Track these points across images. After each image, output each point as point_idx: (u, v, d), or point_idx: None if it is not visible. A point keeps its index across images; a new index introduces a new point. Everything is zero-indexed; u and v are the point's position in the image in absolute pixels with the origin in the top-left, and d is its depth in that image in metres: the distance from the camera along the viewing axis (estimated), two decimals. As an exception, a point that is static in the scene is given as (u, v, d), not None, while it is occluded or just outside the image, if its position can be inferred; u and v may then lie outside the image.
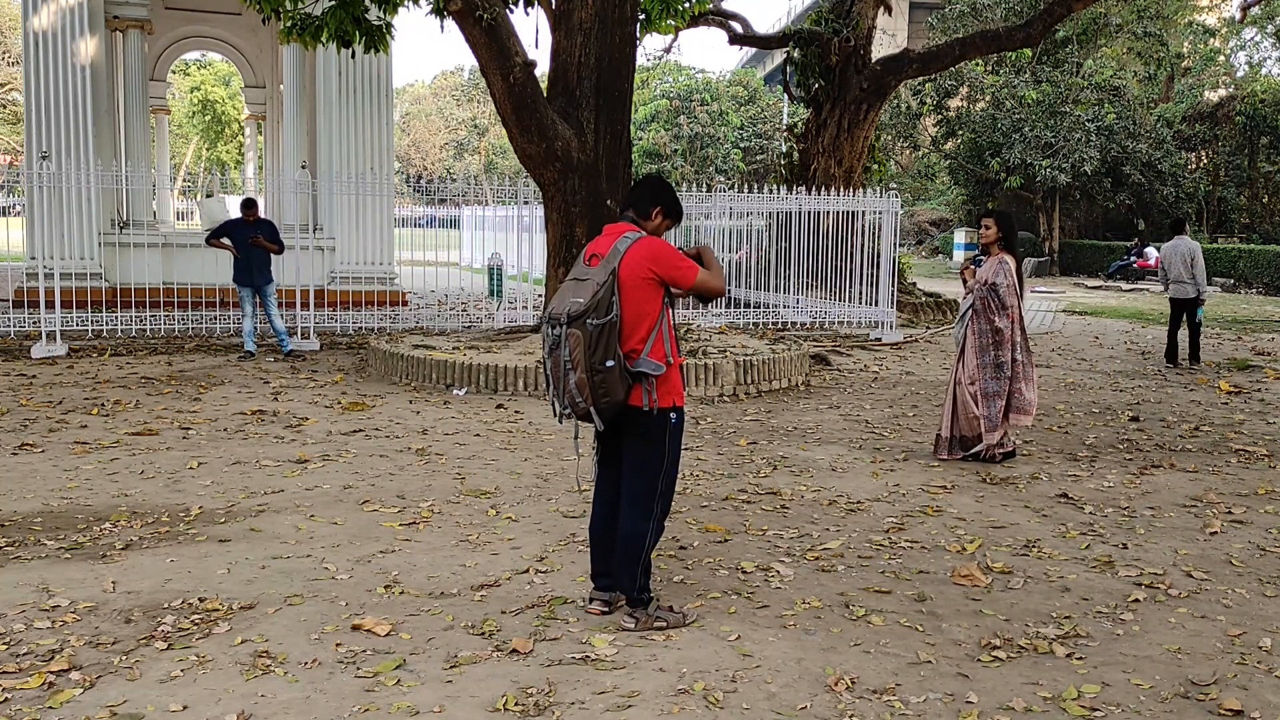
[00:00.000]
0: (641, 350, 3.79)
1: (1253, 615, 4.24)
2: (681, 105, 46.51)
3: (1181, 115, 32.63)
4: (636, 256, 3.79)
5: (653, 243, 3.86)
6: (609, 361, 3.68)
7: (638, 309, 3.78)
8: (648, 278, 3.79)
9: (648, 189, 4.06)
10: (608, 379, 3.69)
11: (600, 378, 3.69)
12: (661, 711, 3.30)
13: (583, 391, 3.71)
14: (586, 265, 3.85)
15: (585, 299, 3.68)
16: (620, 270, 3.76)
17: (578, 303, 3.69)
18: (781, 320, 14.93)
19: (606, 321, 3.68)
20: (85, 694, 3.35)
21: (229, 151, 54.31)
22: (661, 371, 3.81)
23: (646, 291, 3.79)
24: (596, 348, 3.67)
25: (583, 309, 3.67)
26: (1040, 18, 17.17)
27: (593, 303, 3.67)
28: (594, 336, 3.66)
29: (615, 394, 3.72)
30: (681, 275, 3.85)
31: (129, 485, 5.95)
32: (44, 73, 14.08)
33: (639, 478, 3.91)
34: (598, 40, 10.14)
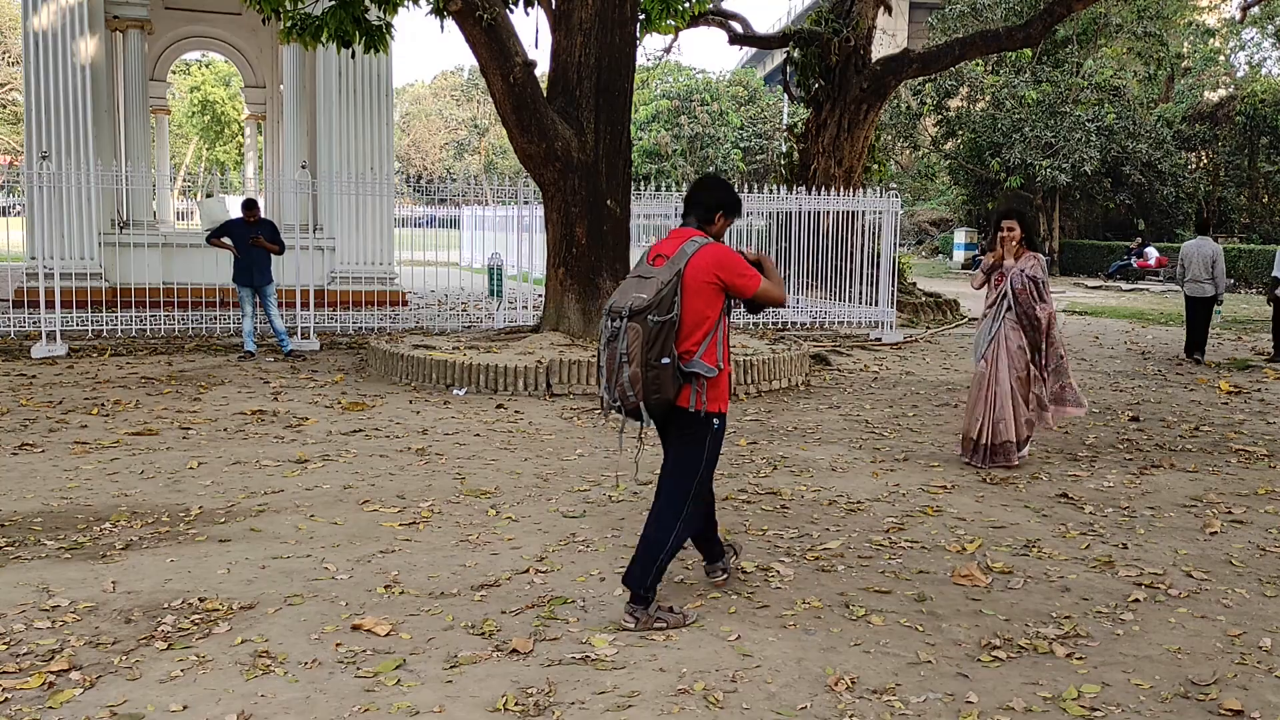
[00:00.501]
0: (696, 352, 3.86)
1: (1253, 615, 4.24)
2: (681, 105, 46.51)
3: (1181, 115, 32.64)
4: (703, 261, 3.87)
5: (719, 249, 3.94)
6: (664, 359, 3.76)
7: (698, 312, 3.86)
8: (711, 282, 3.87)
9: (707, 195, 4.10)
10: (661, 376, 3.76)
11: (654, 374, 3.75)
12: (661, 711, 3.30)
13: (635, 386, 3.76)
14: (650, 265, 3.93)
15: (649, 295, 3.76)
16: (685, 272, 3.84)
17: (641, 298, 3.76)
18: (781, 320, 14.92)
19: (667, 320, 3.76)
20: (85, 694, 3.35)
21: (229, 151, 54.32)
22: (714, 375, 3.90)
23: (708, 296, 3.87)
24: (654, 344, 3.74)
25: (645, 304, 3.75)
26: (1040, 18, 17.17)
27: (655, 299, 3.75)
28: (653, 332, 3.74)
29: (666, 392, 3.79)
30: (745, 284, 3.93)
31: (129, 485, 5.95)
32: (44, 73, 14.07)
33: (676, 477, 4.01)
34: (598, 40, 10.14)
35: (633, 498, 5.89)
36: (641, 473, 6.47)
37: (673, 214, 16.83)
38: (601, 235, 10.39)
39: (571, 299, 10.46)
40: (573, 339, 10.26)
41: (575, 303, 10.45)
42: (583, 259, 10.40)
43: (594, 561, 4.75)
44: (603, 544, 5.01)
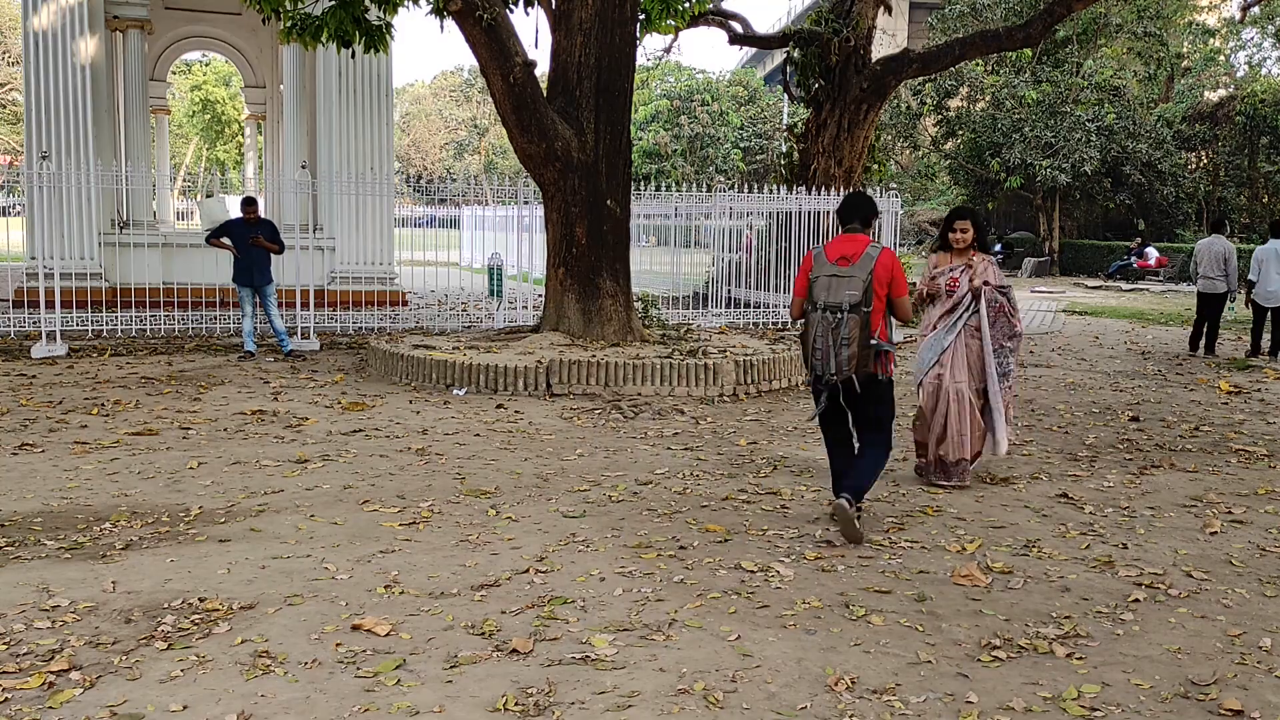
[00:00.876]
0: (882, 332, 5.09)
1: (1253, 615, 4.24)
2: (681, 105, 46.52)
3: (1181, 115, 32.64)
4: (885, 264, 5.03)
5: (894, 257, 5.14)
6: (872, 340, 4.96)
7: (880, 303, 5.04)
8: (888, 281, 5.04)
9: (865, 206, 5.24)
10: (868, 353, 4.95)
11: (866, 352, 4.93)
12: (661, 711, 3.30)
13: (851, 363, 4.91)
14: (837, 265, 5.01)
15: (858, 292, 4.91)
16: (875, 271, 4.97)
17: (854, 295, 4.91)
18: (781, 320, 14.93)
19: (869, 310, 4.94)
20: (85, 694, 3.35)
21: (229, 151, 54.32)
22: (892, 350, 5.15)
23: (883, 291, 5.04)
24: (865, 329, 4.91)
25: (858, 299, 4.90)
26: (1040, 18, 17.16)
27: (863, 295, 4.91)
28: (864, 321, 4.91)
29: (868, 365, 4.97)
30: (901, 290, 5.12)
31: (129, 485, 5.95)
32: (44, 73, 14.08)
33: (880, 425, 5.24)
34: (598, 40, 10.15)
35: (632, 498, 5.89)
36: (640, 472, 6.48)
37: (673, 214, 16.87)
38: (601, 235, 10.39)
39: (571, 299, 10.46)
40: (573, 339, 10.26)
41: (575, 303, 10.45)
42: (583, 259, 10.40)
43: (594, 561, 4.75)
44: (603, 544, 5.01)
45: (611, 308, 10.45)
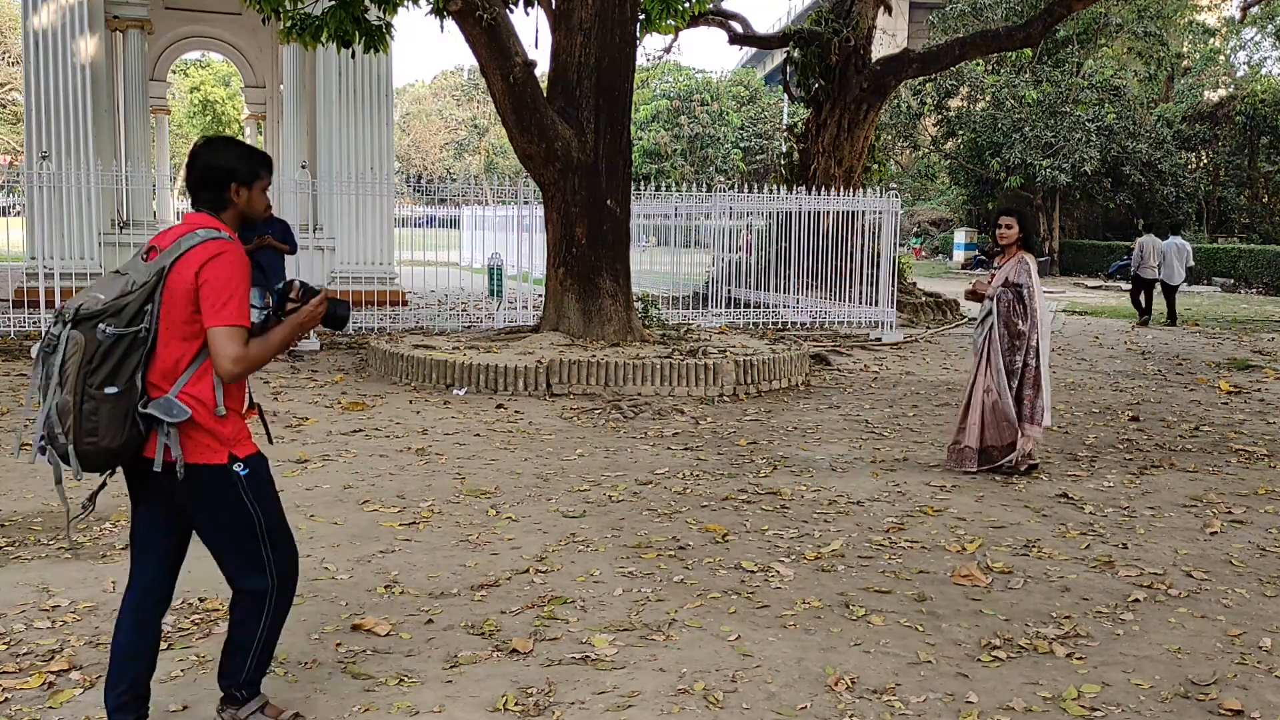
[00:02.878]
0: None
1: (1253, 615, 4.23)
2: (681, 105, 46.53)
3: (1181, 115, 32.64)
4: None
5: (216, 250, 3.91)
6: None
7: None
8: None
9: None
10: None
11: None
12: (661, 711, 3.30)
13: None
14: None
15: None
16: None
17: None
18: (781, 320, 14.92)
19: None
20: (85, 694, 3.35)
21: (229, 151, 54.28)
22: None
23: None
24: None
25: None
26: (1040, 18, 17.17)
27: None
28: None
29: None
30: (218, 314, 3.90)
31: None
32: (44, 73, 14.07)
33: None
34: (598, 40, 10.15)
35: (632, 498, 5.89)
36: (640, 472, 6.48)
37: (673, 214, 16.87)
38: (601, 235, 10.39)
39: (571, 299, 10.46)
40: (573, 339, 10.26)
41: (575, 303, 10.44)
42: (583, 259, 10.40)
43: (594, 561, 4.75)
44: (603, 544, 5.01)
45: (611, 308, 10.45)
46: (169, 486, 2.90)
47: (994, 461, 6.58)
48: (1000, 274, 6.61)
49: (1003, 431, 6.54)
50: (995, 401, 6.50)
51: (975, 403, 6.57)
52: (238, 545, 3.00)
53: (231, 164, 2.96)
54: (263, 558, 3.01)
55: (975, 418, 6.57)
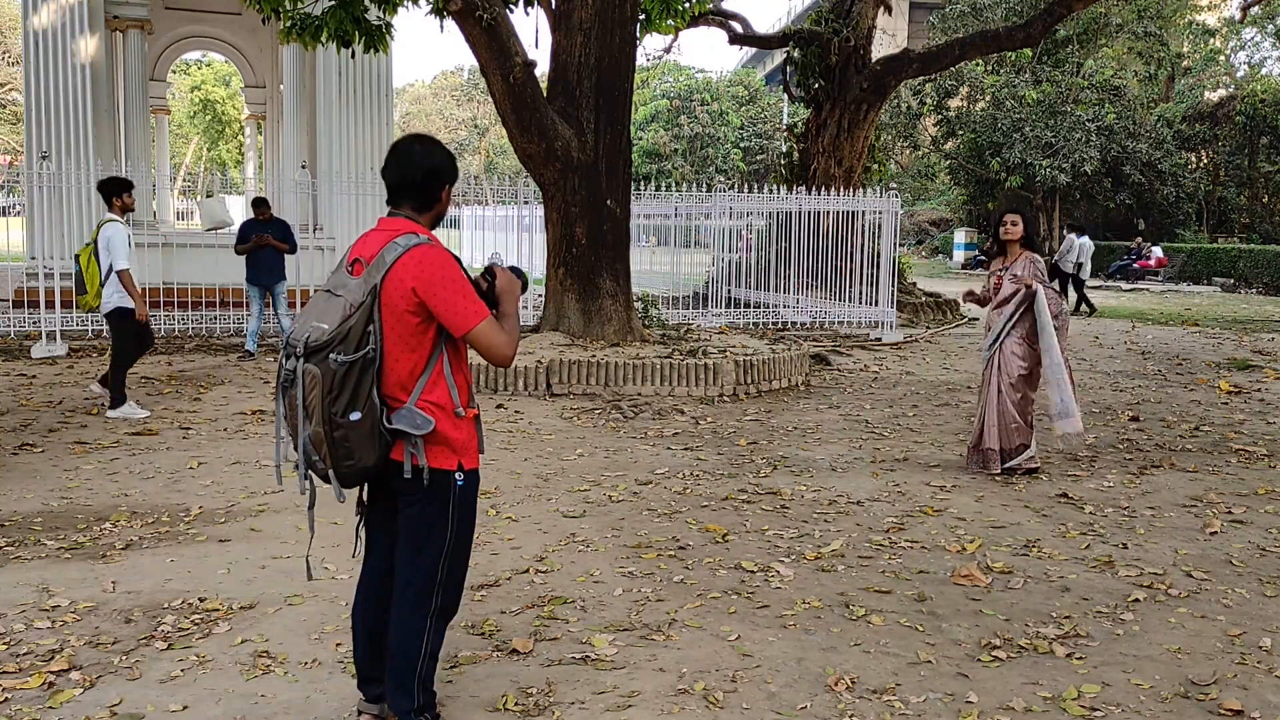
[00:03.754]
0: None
1: (1253, 615, 4.23)
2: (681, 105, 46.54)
3: (1181, 115, 32.66)
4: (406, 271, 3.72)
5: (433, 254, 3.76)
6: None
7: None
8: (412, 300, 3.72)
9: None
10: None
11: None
12: (661, 711, 3.30)
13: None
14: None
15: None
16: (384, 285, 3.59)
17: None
18: (781, 320, 14.92)
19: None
20: (85, 694, 3.35)
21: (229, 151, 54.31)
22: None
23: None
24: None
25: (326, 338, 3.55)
26: (1040, 18, 17.17)
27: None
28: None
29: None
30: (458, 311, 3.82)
31: (129, 485, 5.95)
32: (44, 72, 14.07)
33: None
34: (598, 40, 10.14)
35: (632, 498, 5.89)
36: (640, 472, 6.48)
37: (673, 214, 16.87)
38: (601, 235, 10.39)
39: (571, 299, 10.46)
40: (573, 339, 10.25)
41: (575, 303, 10.44)
42: (583, 259, 10.40)
43: (594, 561, 4.75)
44: (603, 544, 5.01)
45: (611, 308, 10.45)
46: (396, 484, 2.95)
47: (1007, 462, 6.54)
48: (1011, 272, 6.50)
49: (1012, 434, 6.52)
50: (1011, 401, 6.47)
51: (991, 403, 6.52)
52: (420, 552, 2.97)
53: (444, 164, 2.96)
54: (437, 576, 2.98)
55: (993, 419, 6.53)
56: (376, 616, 3.06)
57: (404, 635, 2.96)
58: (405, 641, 2.96)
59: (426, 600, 2.97)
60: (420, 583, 2.96)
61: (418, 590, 2.96)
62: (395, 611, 2.99)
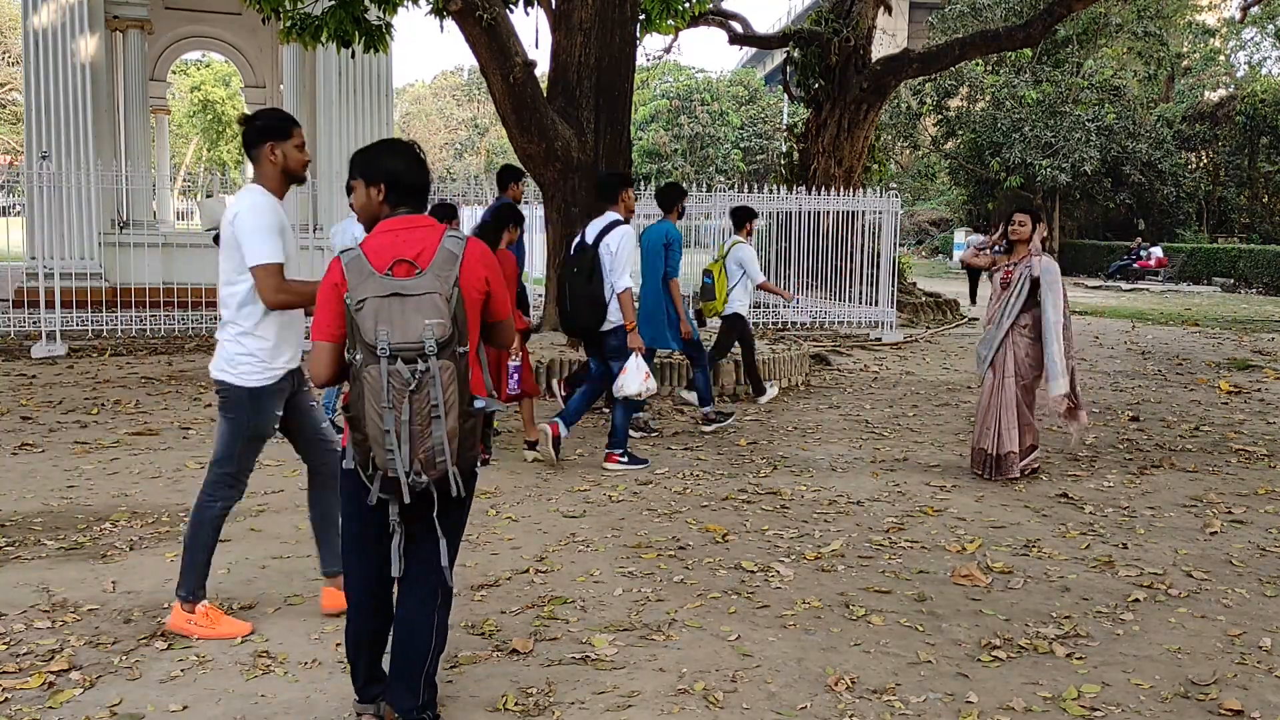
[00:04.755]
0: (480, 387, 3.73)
1: (1253, 615, 4.23)
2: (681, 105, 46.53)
3: (1181, 115, 32.65)
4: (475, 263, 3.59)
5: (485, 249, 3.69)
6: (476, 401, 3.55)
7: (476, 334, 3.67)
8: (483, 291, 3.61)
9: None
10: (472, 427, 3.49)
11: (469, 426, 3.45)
12: (661, 711, 3.30)
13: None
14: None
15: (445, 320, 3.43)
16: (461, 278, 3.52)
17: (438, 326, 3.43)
18: (781, 320, 14.92)
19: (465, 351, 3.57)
20: (85, 694, 3.35)
21: (229, 151, 54.29)
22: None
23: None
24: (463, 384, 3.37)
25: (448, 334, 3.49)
26: (1040, 18, 17.17)
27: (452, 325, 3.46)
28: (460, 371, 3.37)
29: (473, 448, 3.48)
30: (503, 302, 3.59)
31: (129, 485, 5.95)
32: (44, 72, 14.06)
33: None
34: (598, 40, 10.14)
35: (632, 498, 5.89)
36: (641, 472, 6.48)
37: (673, 214, 16.82)
38: (601, 235, 10.38)
39: (571, 299, 10.45)
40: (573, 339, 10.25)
41: (575, 303, 10.43)
42: (583, 259, 10.38)
43: (594, 561, 4.75)
44: (603, 544, 5.01)
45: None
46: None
47: (1018, 464, 6.46)
48: (1019, 270, 6.40)
49: (1025, 434, 6.45)
50: (1026, 403, 6.41)
51: (1009, 406, 6.40)
52: (450, 548, 3.05)
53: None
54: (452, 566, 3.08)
55: (1012, 421, 6.41)
56: (379, 617, 3.09)
57: (423, 632, 3.02)
58: (422, 639, 3.01)
59: (448, 596, 3.08)
60: (442, 581, 3.03)
61: (435, 588, 3.03)
62: (409, 610, 3.03)
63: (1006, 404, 6.40)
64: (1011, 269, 6.46)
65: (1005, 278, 6.48)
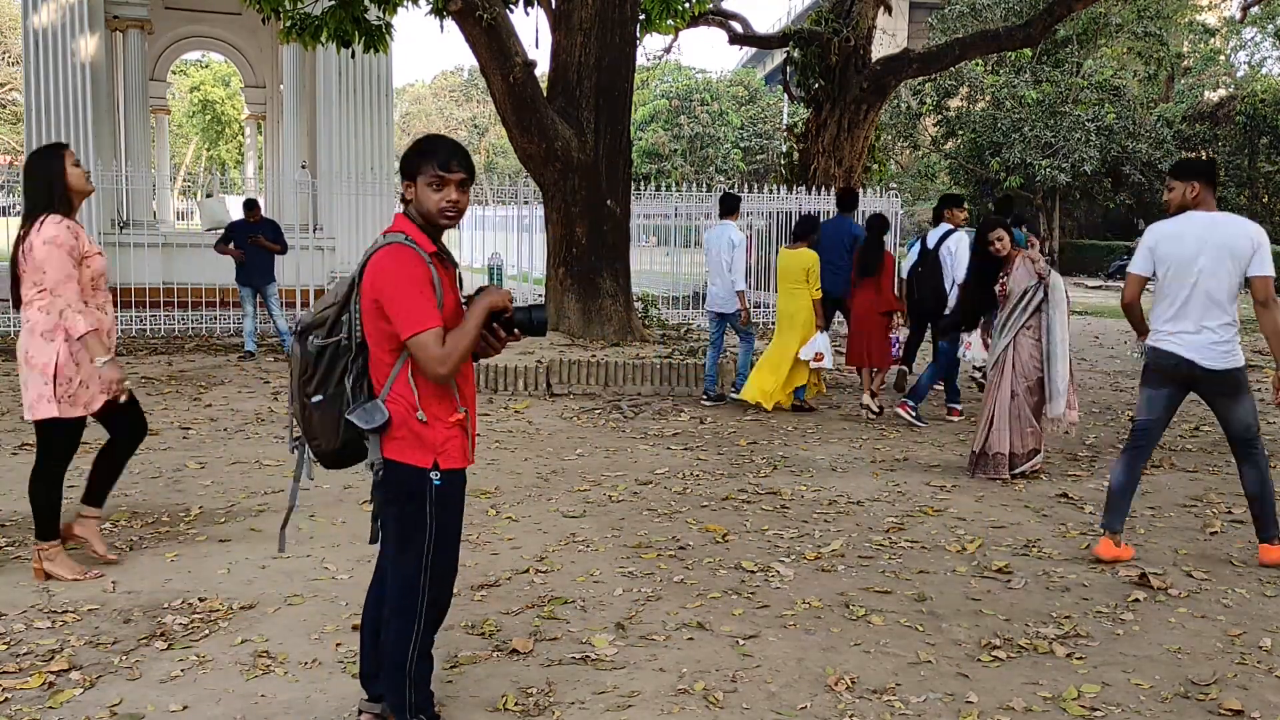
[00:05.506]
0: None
1: (1253, 615, 4.23)
2: (681, 105, 46.51)
3: (1181, 115, 32.65)
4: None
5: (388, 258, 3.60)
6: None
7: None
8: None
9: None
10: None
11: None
12: (661, 711, 3.30)
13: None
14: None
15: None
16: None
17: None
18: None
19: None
20: (85, 694, 3.35)
21: (229, 151, 54.30)
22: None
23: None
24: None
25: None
26: (1040, 18, 17.15)
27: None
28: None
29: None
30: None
31: (129, 485, 5.95)
32: (44, 72, 14.07)
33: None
34: (598, 40, 10.15)
35: (632, 498, 5.89)
36: (640, 472, 6.48)
37: (673, 214, 16.87)
38: (601, 235, 10.40)
39: (571, 299, 10.47)
40: (573, 339, 10.26)
41: (575, 303, 10.45)
42: (583, 259, 10.40)
43: (594, 561, 4.75)
44: (603, 544, 5.01)
45: (611, 307, 10.46)
46: (374, 480, 2.95)
47: (1018, 467, 6.47)
48: (1021, 272, 6.44)
49: (1027, 438, 6.45)
50: (1028, 404, 6.41)
51: (1003, 405, 6.44)
52: (402, 551, 2.94)
53: (403, 161, 2.99)
54: (422, 575, 2.96)
55: (1004, 421, 6.43)
56: (378, 614, 3.07)
57: (393, 635, 2.96)
58: (394, 641, 2.96)
59: (413, 599, 2.95)
60: (405, 582, 2.95)
61: (403, 590, 2.95)
62: (386, 611, 3.00)
63: (1002, 405, 6.43)
64: (1005, 279, 6.51)
65: (1003, 290, 6.54)
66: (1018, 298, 6.45)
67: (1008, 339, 6.45)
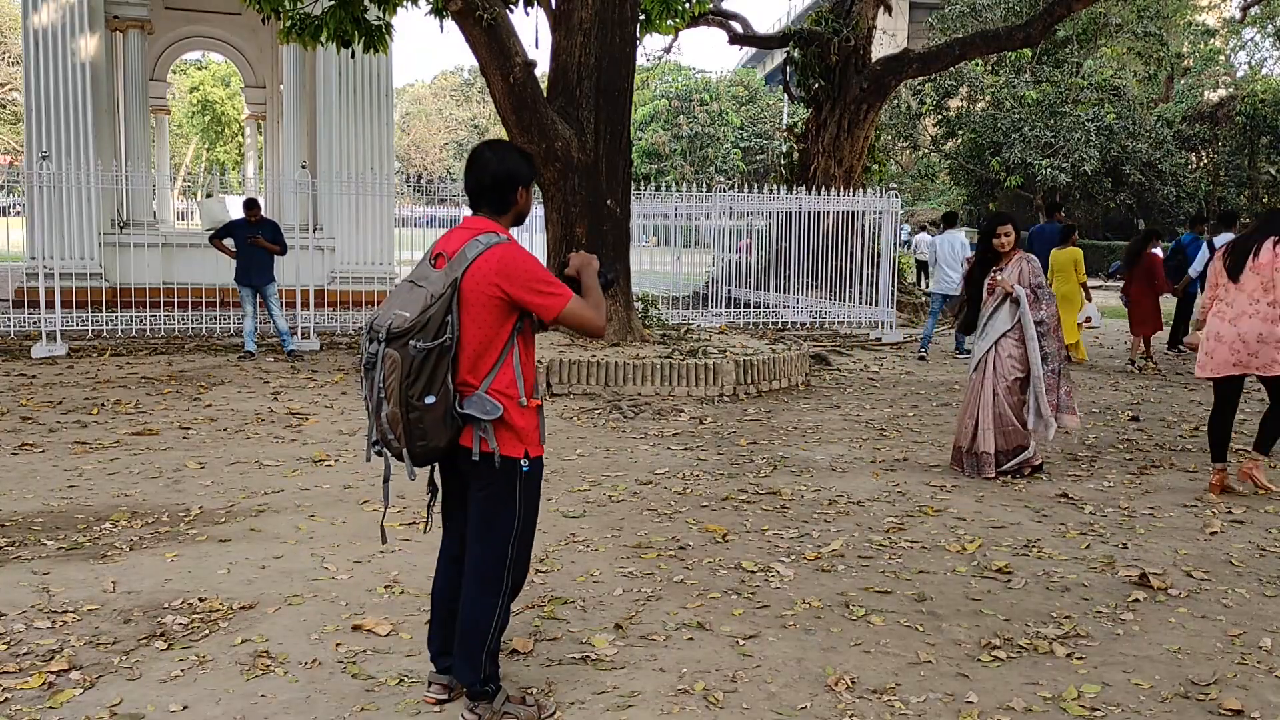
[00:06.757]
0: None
1: (1253, 615, 4.23)
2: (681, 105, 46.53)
3: (1181, 115, 32.65)
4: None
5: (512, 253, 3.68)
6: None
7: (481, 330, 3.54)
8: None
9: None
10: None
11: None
12: (661, 711, 3.30)
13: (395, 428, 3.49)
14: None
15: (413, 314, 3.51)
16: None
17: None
18: (781, 320, 14.92)
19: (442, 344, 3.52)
20: (85, 694, 3.35)
21: (229, 151, 54.29)
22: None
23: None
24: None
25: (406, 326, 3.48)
26: (1040, 18, 17.17)
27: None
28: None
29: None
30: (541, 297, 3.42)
31: (129, 485, 5.95)
32: (44, 72, 14.07)
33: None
34: (598, 40, 10.14)
35: (632, 498, 5.89)
36: (640, 472, 6.48)
37: (673, 214, 16.87)
38: (601, 235, 10.39)
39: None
40: (573, 339, 10.26)
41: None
42: (583, 259, 10.39)
43: (594, 561, 4.75)
44: (602, 544, 5.01)
45: (611, 308, 10.44)
46: (464, 467, 3.13)
47: (1003, 465, 6.49)
48: (1009, 273, 6.48)
49: (1010, 436, 6.48)
50: (1012, 402, 6.44)
51: (986, 406, 6.47)
52: (491, 532, 3.16)
53: (515, 168, 3.17)
54: (508, 555, 3.18)
55: (988, 421, 6.46)
56: (451, 595, 3.26)
57: (477, 612, 3.15)
58: (478, 618, 3.15)
59: (498, 579, 3.17)
60: (492, 562, 3.16)
61: (490, 569, 3.16)
62: (468, 589, 3.18)
63: (984, 404, 6.48)
64: (997, 273, 6.53)
65: (992, 284, 6.56)
66: (999, 299, 6.49)
67: (987, 346, 6.51)
